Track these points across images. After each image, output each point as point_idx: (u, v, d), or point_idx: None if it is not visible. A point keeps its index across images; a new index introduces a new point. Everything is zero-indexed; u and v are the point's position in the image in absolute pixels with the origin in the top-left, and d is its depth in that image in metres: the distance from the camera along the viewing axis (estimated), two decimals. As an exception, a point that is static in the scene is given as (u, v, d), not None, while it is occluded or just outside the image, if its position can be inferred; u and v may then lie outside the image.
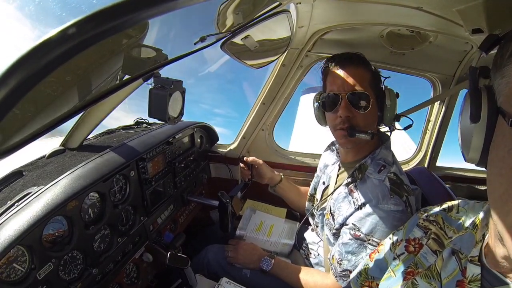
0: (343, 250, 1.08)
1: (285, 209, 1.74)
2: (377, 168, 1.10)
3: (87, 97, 0.50)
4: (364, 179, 1.11)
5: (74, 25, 0.25)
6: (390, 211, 1.01)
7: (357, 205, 1.07)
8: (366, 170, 1.12)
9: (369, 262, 0.82)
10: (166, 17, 0.38)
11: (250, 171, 1.64)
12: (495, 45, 0.53)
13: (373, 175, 1.10)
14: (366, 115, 1.08)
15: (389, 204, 1.01)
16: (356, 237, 1.05)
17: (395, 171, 1.09)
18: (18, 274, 0.77)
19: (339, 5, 1.16)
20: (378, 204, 1.02)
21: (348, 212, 1.09)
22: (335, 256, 1.11)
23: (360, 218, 1.05)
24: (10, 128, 0.33)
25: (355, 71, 1.08)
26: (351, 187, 1.13)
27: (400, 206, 1.01)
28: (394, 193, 1.03)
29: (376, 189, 1.05)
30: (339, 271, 1.09)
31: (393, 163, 1.13)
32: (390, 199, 1.02)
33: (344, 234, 1.10)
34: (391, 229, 0.99)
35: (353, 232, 1.05)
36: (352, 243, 1.06)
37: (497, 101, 0.48)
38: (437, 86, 1.67)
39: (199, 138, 1.75)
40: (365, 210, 1.04)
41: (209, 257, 1.39)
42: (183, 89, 0.96)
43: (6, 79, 0.24)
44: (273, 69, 1.66)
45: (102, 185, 1.01)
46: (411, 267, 0.67)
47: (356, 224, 1.05)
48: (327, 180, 1.37)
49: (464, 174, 1.94)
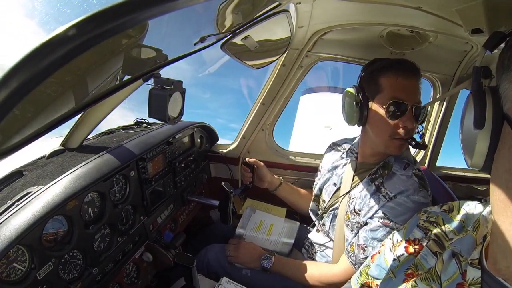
0: (369, 236, 1.11)
1: (285, 209, 1.74)
2: (402, 165, 1.16)
3: (87, 97, 0.50)
4: (390, 175, 1.16)
5: (74, 26, 0.25)
6: (420, 203, 1.07)
7: (388, 197, 1.11)
8: (391, 168, 1.17)
9: (370, 263, 0.82)
10: (166, 18, 0.38)
11: (252, 173, 1.64)
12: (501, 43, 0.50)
13: (399, 172, 1.15)
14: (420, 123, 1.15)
15: (419, 196, 1.08)
16: (386, 224, 1.09)
17: (419, 169, 1.16)
18: (18, 274, 0.78)
19: (339, 5, 1.16)
20: (410, 195, 1.08)
21: (379, 205, 1.13)
22: (359, 243, 1.13)
23: (392, 207, 1.09)
24: (10, 129, 0.33)
25: (418, 83, 1.11)
26: (378, 184, 1.16)
27: (427, 199, 1.09)
28: (422, 187, 1.10)
29: (407, 183, 1.11)
30: (361, 258, 1.12)
31: (415, 162, 1.20)
32: (420, 192, 1.08)
33: (372, 222, 1.13)
34: None
35: (383, 221, 1.10)
36: (381, 230, 1.09)
37: (503, 107, 0.44)
38: (437, 86, 1.67)
39: (199, 138, 1.76)
40: (397, 200, 1.09)
41: (209, 257, 1.39)
42: (183, 89, 0.96)
43: (7, 81, 0.24)
44: (273, 69, 1.66)
45: (102, 185, 1.01)
46: (411, 269, 0.67)
47: (386, 213, 1.10)
48: (338, 181, 1.36)
49: (464, 174, 1.94)
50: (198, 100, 23.40)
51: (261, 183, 1.64)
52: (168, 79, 0.89)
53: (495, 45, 0.53)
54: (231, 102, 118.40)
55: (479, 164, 0.49)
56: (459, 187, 1.91)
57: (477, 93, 0.48)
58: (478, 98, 0.47)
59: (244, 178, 1.66)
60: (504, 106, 0.45)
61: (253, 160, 1.64)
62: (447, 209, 0.71)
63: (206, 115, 23.03)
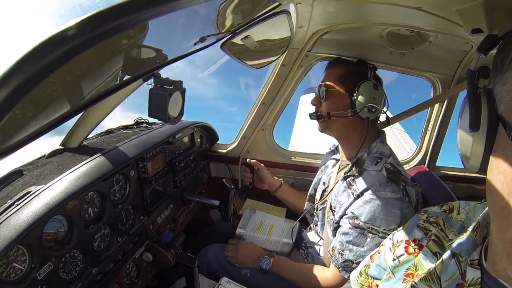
0: (343, 240, 1.10)
1: (285, 209, 1.74)
2: (374, 161, 1.16)
3: (87, 97, 0.50)
4: (361, 172, 1.16)
5: (74, 26, 0.25)
6: (388, 198, 1.05)
7: (355, 195, 1.11)
8: (363, 164, 1.17)
9: (370, 263, 0.82)
10: (166, 18, 0.38)
11: (252, 174, 1.64)
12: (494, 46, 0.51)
13: (370, 167, 1.14)
14: (326, 102, 1.25)
15: (386, 191, 1.05)
16: (356, 225, 1.07)
17: (392, 162, 1.14)
18: (18, 274, 0.77)
19: (339, 5, 1.16)
20: (375, 191, 1.06)
21: (348, 203, 1.13)
22: (336, 247, 1.13)
23: (359, 206, 1.08)
24: (10, 128, 0.33)
25: (328, 71, 1.30)
26: (349, 181, 1.17)
27: (397, 194, 1.05)
28: (391, 181, 1.07)
29: (374, 178, 1.09)
30: (341, 262, 1.11)
31: (390, 155, 1.18)
32: (387, 187, 1.06)
33: (343, 224, 1.12)
34: (390, 217, 1.03)
35: (352, 221, 1.08)
36: (352, 232, 1.08)
37: (498, 109, 0.45)
38: (437, 86, 1.67)
39: (199, 137, 1.76)
40: (363, 198, 1.08)
41: (209, 257, 1.39)
42: (183, 89, 0.96)
43: (7, 80, 0.24)
44: (273, 69, 1.66)
45: (102, 185, 1.01)
46: (411, 269, 0.67)
47: (354, 213, 1.08)
48: (327, 180, 1.39)
49: (464, 174, 1.93)
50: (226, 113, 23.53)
51: (261, 184, 1.64)
52: (168, 78, 0.89)
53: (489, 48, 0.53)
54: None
55: (476, 165, 0.49)
56: (459, 187, 1.91)
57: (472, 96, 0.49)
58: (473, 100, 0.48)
59: (244, 179, 1.67)
60: (498, 108, 0.45)
61: (253, 161, 1.64)
62: (447, 209, 0.71)
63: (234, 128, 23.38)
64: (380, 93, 1.18)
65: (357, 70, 1.24)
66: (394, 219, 1.04)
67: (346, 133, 1.26)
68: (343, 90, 1.22)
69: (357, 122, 1.22)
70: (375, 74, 1.24)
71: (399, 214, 1.04)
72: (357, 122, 1.22)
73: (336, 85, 1.24)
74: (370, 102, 1.16)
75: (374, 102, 1.16)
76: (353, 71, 1.24)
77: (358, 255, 1.07)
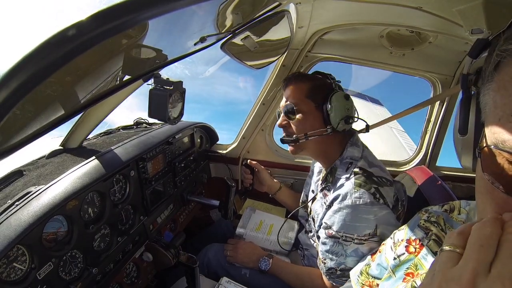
0: (323, 249, 1.12)
1: (284, 209, 1.74)
2: (345, 167, 1.14)
3: (87, 97, 0.50)
4: (334, 181, 1.15)
5: (74, 26, 0.25)
6: (355, 205, 1.03)
7: (327, 205, 1.12)
8: (335, 172, 1.16)
9: (370, 262, 0.82)
10: (166, 18, 0.38)
11: (252, 176, 1.64)
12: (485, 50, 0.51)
13: (341, 174, 1.13)
14: (298, 122, 1.16)
15: (353, 198, 1.03)
16: (330, 235, 1.08)
17: (362, 165, 1.10)
18: (18, 274, 0.77)
19: (339, 5, 1.16)
20: (342, 200, 1.05)
21: (322, 213, 1.15)
22: (320, 256, 1.15)
23: (330, 216, 1.09)
24: (10, 129, 0.33)
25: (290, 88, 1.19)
26: (325, 191, 1.18)
27: (366, 199, 1.02)
28: (358, 187, 1.04)
29: (342, 187, 1.08)
30: (325, 270, 1.13)
31: (361, 158, 1.14)
32: (354, 193, 1.04)
33: (321, 234, 1.14)
34: (362, 223, 1.03)
35: (327, 231, 1.09)
36: (328, 241, 1.09)
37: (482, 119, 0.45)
38: (437, 86, 1.67)
39: (199, 138, 1.76)
40: (333, 208, 1.08)
41: (209, 256, 1.39)
42: (183, 89, 0.96)
43: (7, 81, 0.24)
44: (273, 69, 1.66)
45: (102, 185, 1.01)
46: (411, 269, 0.67)
47: (327, 223, 1.09)
48: (315, 188, 1.38)
49: (464, 174, 1.93)
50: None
51: (260, 186, 1.64)
52: (168, 79, 0.89)
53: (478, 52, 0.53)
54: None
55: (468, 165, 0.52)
56: (459, 187, 1.91)
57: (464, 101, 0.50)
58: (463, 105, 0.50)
59: (245, 180, 1.66)
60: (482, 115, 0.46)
61: (254, 163, 1.63)
62: (448, 208, 0.71)
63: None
64: (351, 103, 1.16)
65: (322, 83, 1.19)
66: (367, 224, 1.02)
67: (323, 150, 1.21)
68: (313, 106, 1.15)
69: (333, 136, 1.17)
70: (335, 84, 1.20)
71: (372, 219, 1.02)
72: (333, 136, 1.17)
73: (304, 102, 1.16)
74: (345, 114, 1.13)
75: (349, 112, 1.14)
76: (318, 84, 1.18)
77: (339, 262, 1.07)
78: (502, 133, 0.38)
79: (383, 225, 1.03)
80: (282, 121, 1.21)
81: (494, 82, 0.41)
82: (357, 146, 1.18)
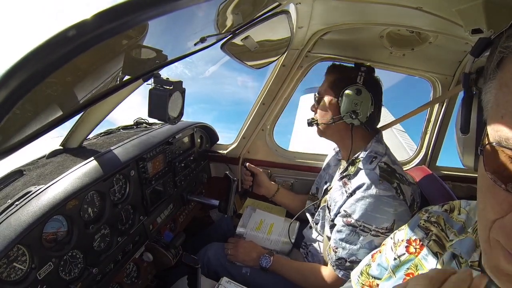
0: (337, 237, 1.13)
1: (285, 208, 1.74)
2: (368, 160, 1.18)
3: (87, 97, 0.50)
4: (356, 171, 1.18)
5: (74, 27, 0.25)
6: (379, 196, 1.06)
7: (348, 193, 1.14)
8: (358, 164, 1.19)
9: (371, 262, 0.82)
10: (166, 18, 0.38)
11: (252, 178, 1.67)
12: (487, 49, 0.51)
13: (365, 166, 1.16)
14: (319, 109, 1.31)
15: (378, 188, 1.07)
16: (348, 223, 1.10)
17: (387, 161, 1.15)
18: (18, 274, 0.78)
19: (339, 5, 1.16)
20: (367, 189, 1.08)
21: (341, 201, 1.16)
22: (331, 245, 1.16)
23: (351, 204, 1.10)
24: (10, 128, 0.33)
25: (325, 77, 1.33)
26: (345, 180, 1.20)
27: (389, 192, 1.07)
28: (383, 179, 1.09)
29: (366, 177, 1.11)
30: (335, 260, 1.13)
31: (385, 154, 1.19)
32: (379, 185, 1.08)
33: (337, 222, 1.15)
34: (382, 215, 1.05)
35: (345, 219, 1.11)
36: (345, 230, 1.11)
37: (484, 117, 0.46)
38: (437, 86, 1.67)
39: (199, 138, 1.76)
40: (355, 196, 1.10)
41: (209, 255, 1.40)
42: (183, 89, 0.96)
43: (7, 80, 0.24)
44: (273, 69, 1.66)
45: (102, 185, 1.01)
46: (412, 269, 0.67)
47: (347, 211, 1.11)
48: (329, 180, 1.43)
49: (464, 174, 1.93)
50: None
51: (258, 189, 1.68)
52: (168, 79, 0.89)
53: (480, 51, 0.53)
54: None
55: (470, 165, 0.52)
56: (459, 187, 1.91)
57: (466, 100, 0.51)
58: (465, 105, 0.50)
59: (245, 182, 1.69)
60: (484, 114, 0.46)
61: (253, 167, 1.68)
62: (448, 208, 0.71)
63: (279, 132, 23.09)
64: (362, 98, 1.19)
65: (347, 76, 1.25)
66: (387, 217, 1.05)
67: (340, 138, 1.31)
68: (332, 97, 1.26)
69: (355, 129, 1.24)
70: (366, 77, 1.23)
71: (392, 213, 1.05)
72: (355, 129, 1.24)
73: (326, 92, 1.28)
74: (352, 108, 1.18)
75: (356, 107, 1.18)
76: (343, 77, 1.25)
77: (351, 253, 1.09)
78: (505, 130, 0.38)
79: (399, 222, 1.05)
80: (312, 106, 1.37)
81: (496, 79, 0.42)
82: (381, 144, 1.24)
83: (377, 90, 1.23)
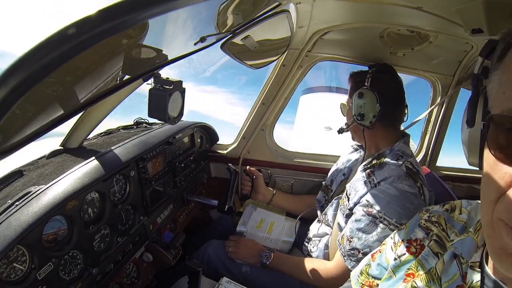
0: (354, 227, 1.12)
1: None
2: (395, 157, 1.19)
3: (87, 96, 0.50)
4: (382, 165, 1.19)
5: (74, 26, 0.25)
6: (404, 191, 1.07)
7: (373, 184, 1.14)
8: (384, 158, 1.21)
9: (371, 262, 0.82)
10: (166, 17, 0.38)
11: (252, 184, 1.67)
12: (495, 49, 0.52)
13: (391, 161, 1.18)
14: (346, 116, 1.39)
15: (403, 184, 1.08)
16: (369, 213, 1.09)
17: (412, 162, 1.17)
18: (18, 274, 0.77)
19: (339, 5, 1.16)
20: (393, 182, 1.09)
21: (364, 191, 1.15)
22: (346, 234, 1.14)
23: (375, 195, 1.11)
24: (10, 128, 0.33)
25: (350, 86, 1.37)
26: (369, 172, 1.20)
27: (414, 189, 1.08)
28: (409, 176, 1.10)
29: (393, 171, 1.13)
30: (348, 249, 1.12)
31: (411, 156, 1.21)
32: (405, 180, 1.09)
33: (357, 211, 1.14)
34: (403, 210, 1.05)
35: (366, 209, 1.10)
36: (365, 219, 1.10)
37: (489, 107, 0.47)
38: (437, 86, 1.67)
39: (199, 138, 1.75)
40: (380, 187, 1.11)
41: (210, 252, 1.40)
42: (183, 89, 0.96)
43: (6, 79, 0.24)
44: (273, 69, 1.66)
45: (102, 185, 1.01)
46: (412, 269, 0.67)
47: (369, 201, 1.11)
48: (347, 172, 1.46)
49: (464, 174, 1.93)
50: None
51: (255, 195, 1.68)
52: (168, 78, 0.88)
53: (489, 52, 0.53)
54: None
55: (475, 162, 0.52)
56: (459, 187, 1.91)
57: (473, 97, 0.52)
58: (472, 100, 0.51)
59: (244, 187, 1.69)
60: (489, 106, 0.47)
61: (253, 169, 1.69)
62: (449, 208, 0.70)
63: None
64: (365, 100, 1.21)
65: (358, 80, 1.28)
66: (407, 213, 1.05)
67: (360, 139, 1.36)
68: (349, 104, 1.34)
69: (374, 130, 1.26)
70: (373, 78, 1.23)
71: (412, 210, 1.05)
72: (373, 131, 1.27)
73: (347, 100, 1.36)
74: (357, 111, 1.23)
75: (361, 110, 1.21)
76: (355, 83, 1.30)
77: (366, 244, 1.08)
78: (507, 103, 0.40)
79: None
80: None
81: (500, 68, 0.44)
82: (409, 147, 1.26)
83: (381, 89, 1.21)
